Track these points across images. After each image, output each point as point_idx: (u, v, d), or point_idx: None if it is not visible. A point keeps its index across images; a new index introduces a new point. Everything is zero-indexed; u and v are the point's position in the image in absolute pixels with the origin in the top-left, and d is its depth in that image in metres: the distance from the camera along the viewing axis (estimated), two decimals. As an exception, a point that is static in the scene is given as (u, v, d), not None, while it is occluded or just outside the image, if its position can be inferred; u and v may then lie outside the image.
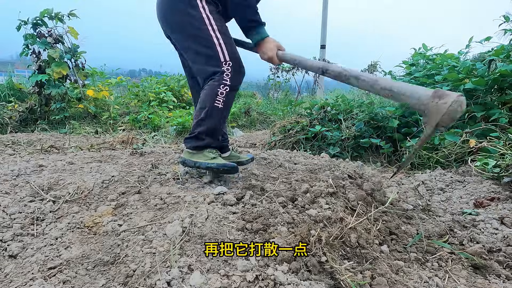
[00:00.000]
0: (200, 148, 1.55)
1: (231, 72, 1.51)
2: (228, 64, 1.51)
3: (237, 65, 1.53)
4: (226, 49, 1.51)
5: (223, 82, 1.51)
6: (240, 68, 1.55)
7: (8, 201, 1.25)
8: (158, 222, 1.14)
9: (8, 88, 4.78)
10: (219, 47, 1.51)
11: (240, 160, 1.85)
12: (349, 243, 1.07)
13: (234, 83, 1.53)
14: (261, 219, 1.14)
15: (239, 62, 1.55)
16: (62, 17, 4.02)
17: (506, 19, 2.77)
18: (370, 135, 2.98)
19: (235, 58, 1.54)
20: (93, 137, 3.53)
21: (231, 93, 1.54)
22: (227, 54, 1.51)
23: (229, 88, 1.51)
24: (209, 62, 1.53)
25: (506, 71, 2.38)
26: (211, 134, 1.56)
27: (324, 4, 8.88)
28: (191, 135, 1.58)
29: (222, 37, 1.52)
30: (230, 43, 1.55)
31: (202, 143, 1.55)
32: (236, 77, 1.53)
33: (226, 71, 1.50)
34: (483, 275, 1.06)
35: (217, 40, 1.50)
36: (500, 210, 1.50)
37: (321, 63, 1.42)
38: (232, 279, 0.88)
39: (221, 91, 1.51)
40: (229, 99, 1.54)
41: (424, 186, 1.96)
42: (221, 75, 1.51)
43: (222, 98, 1.51)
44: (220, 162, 1.51)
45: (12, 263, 0.97)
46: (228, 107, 1.57)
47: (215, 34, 1.51)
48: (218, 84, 1.51)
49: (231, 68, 1.51)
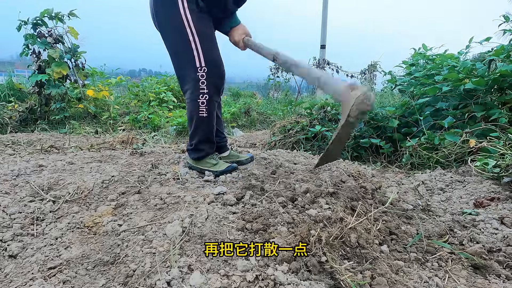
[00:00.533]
0: (202, 158, 1.67)
1: (207, 79, 1.49)
2: (203, 70, 1.48)
3: (214, 69, 1.52)
4: (202, 52, 1.48)
5: (201, 92, 1.51)
6: (217, 71, 1.53)
7: (8, 201, 1.25)
8: (158, 222, 1.14)
9: (8, 88, 4.78)
10: (196, 51, 1.47)
11: (239, 160, 1.85)
12: (349, 243, 1.07)
13: (212, 90, 1.53)
14: (261, 219, 1.14)
15: (216, 65, 1.53)
16: (62, 17, 4.02)
17: (506, 19, 2.77)
18: (370, 135, 2.98)
19: (211, 61, 1.51)
20: (93, 137, 3.53)
21: (212, 99, 1.55)
22: (203, 58, 1.48)
23: (208, 95, 1.53)
24: (185, 66, 1.52)
25: (506, 71, 2.38)
26: (207, 142, 1.65)
27: (324, 4, 8.88)
28: (190, 147, 1.67)
29: (200, 39, 1.47)
30: (208, 44, 1.51)
31: (202, 154, 1.66)
32: (213, 82, 1.52)
33: (201, 78, 1.49)
34: (483, 275, 1.06)
35: (194, 43, 1.47)
36: (500, 210, 1.50)
37: (274, 51, 1.49)
38: (232, 279, 0.88)
39: (201, 101, 1.53)
40: (211, 105, 1.56)
41: (424, 186, 1.96)
42: (197, 83, 1.50)
43: (204, 107, 1.54)
44: (222, 168, 1.63)
45: (12, 263, 0.97)
46: (213, 112, 1.61)
47: (192, 36, 1.47)
48: (197, 95, 1.52)
49: (206, 74, 1.49)
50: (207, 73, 1.49)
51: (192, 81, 1.51)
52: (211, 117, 1.59)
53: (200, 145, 1.64)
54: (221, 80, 1.59)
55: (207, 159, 1.67)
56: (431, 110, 2.77)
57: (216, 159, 1.69)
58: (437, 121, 2.61)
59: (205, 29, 1.51)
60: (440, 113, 2.73)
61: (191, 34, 1.46)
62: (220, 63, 1.57)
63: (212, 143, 1.69)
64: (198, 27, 1.47)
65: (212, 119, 1.62)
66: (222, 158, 1.84)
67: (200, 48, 1.47)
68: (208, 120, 1.59)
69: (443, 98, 2.82)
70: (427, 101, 2.86)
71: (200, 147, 1.65)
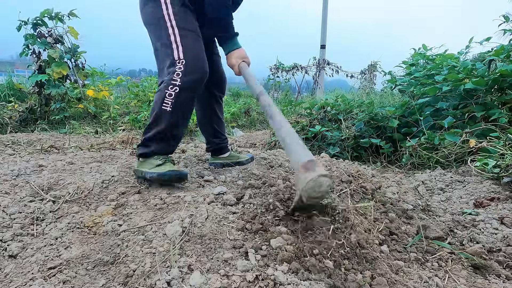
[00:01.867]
0: (147, 156, 1.46)
1: (183, 72, 1.39)
2: (181, 62, 1.40)
3: (192, 63, 1.41)
4: (181, 45, 1.41)
5: (172, 83, 1.39)
6: (196, 66, 1.42)
7: (8, 201, 1.25)
8: (158, 222, 1.14)
9: (8, 88, 4.78)
10: (175, 44, 1.41)
11: (239, 160, 1.84)
12: (349, 243, 1.07)
13: (186, 84, 1.40)
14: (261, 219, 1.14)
15: (195, 60, 1.43)
16: (62, 17, 4.02)
17: (506, 19, 2.77)
18: (370, 135, 2.98)
19: (191, 55, 1.42)
20: (93, 137, 3.53)
21: (183, 94, 1.41)
22: (182, 51, 1.40)
23: (179, 88, 1.39)
24: (164, 59, 1.45)
25: (506, 71, 2.39)
26: (160, 140, 1.44)
27: (324, 4, 8.88)
28: (140, 142, 1.50)
29: (180, 32, 1.42)
30: (188, 38, 1.44)
31: (147, 150, 1.45)
32: (189, 76, 1.40)
33: (178, 70, 1.39)
34: (483, 275, 1.06)
35: (174, 36, 1.41)
36: (500, 210, 1.50)
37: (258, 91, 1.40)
38: (232, 279, 0.88)
39: (169, 93, 1.39)
40: (180, 100, 1.41)
41: (424, 186, 1.96)
42: (172, 75, 1.40)
43: (170, 100, 1.39)
44: (162, 170, 1.38)
45: (12, 263, 0.97)
46: (181, 110, 1.43)
47: (172, 29, 1.42)
48: (166, 85, 1.40)
49: (184, 66, 1.39)
50: (184, 66, 1.39)
51: (168, 74, 1.42)
52: (176, 113, 1.41)
53: (151, 141, 1.45)
54: (200, 75, 1.44)
55: (152, 159, 1.45)
56: (431, 110, 2.77)
57: (162, 160, 1.44)
58: (437, 121, 2.61)
59: (187, 24, 1.45)
60: (440, 113, 2.74)
61: (171, 28, 1.41)
62: (201, 58, 1.45)
63: (166, 144, 1.47)
64: (179, 22, 1.42)
65: (179, 117, 1.44)
66: (222, 159, 1.84)
67: (179, 42, 1.41)
68: (170, 116, 1.41)
69: (443, 98, 2.82)
70: (427, 101, 2.86)
71: (148, 143, 1.45)
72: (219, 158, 1.85)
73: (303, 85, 9.85)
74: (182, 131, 1.52)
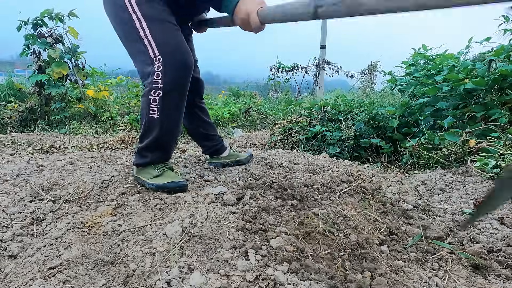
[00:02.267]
0: (144, 166, 1.40)
1: (163, 71, 1.23)
2: (158, 60, 1.23)
3: (171, 59, 1.24)
4: (154, 40, 1.22)
5: (154, 86, 1.25)
6: (175, 61, 1.25)
7: (8, 201, 1.25)
8: (158, 222, 1.14)
9: (8, 88, 4.78)
10: (146, 39, 1.23)
11: (239, 159, 1.82)
12: (349, 243, 1.07)
13: (168, 85, 1.25)
14: (261, 219, 1.14)
15: (173, 54, 1.25)
16: (62, 17, 4.02)
17: (506, 19, 2.77)
18: (370, 135, 2.98)
19: (167, 49, 1.24)
20: (93, 137, 3.53)
21: (168, 97, 1.27)
22: (156, 47, 1.23)
23: (162, 91, 1.25)
24: (140, 60, 1.29)
25: (506, 71, 2.39)
26: (155, 149, 1.37)
27: (324, 4, 8.86)
28: (136, 150, 1.42)
29: (149, 24, 1.23)
30: (160, 29, 1.25)
31: (144, 161, 1.39)
32: (170, 76, 1.24)
33: (157, 70, 1.23)
34: (483, 275, 1.06)
35: (142, 30, 1.22)
36: (500, 210, 1.50)
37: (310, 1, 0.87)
38: (232, 279, 0.88)
39: (153, 98, 1.26)
40: (167, 105, 1.28)
41: (424, 186, 1.96)
42: (152, 77, 1.25)
43: (156, 106, 1.26)
44: (161, 182, 1.34)
45: (12, 263, 0.97)
46: (170, 115, 1.31)
47: (140, 23, 1.22)
48: (149, 90, 1.26)
49: (162, 64, 1.23)
50: (163, 64, 1.23)
51: (148, 75, 1.27)
52: (166, 118, 1.30)
53: (146, 151, 1.38)
54: (183, 71, 1.28)
55: (149, 168, 1.39)
56: (431, 110, 2.77)
57: (161, 170, 1.39)
58: (437, 121, 2.61)
59: (154, 11, 1.24)
60: (440, 113, 2.74)
61: (137, 19, 1.22)
62: (180, 50, 1.27)
63: (162, 152, 1.39)
64: (144, 10, 1.22)
65: (169, 121, 1.32)
66: (222, 158, 1.83)
67: (150, 36, 1.22)
68: (160, 123, 1.29)
69: (443, 98, 2.82)
70: (427, 101, 2.86)
71: (144, 153, 1.38)
72: (219, 158, 1.83)
73: (303, 85, 9.85)
74: (177, 134, 1.42)
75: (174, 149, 1.46)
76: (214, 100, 7.20)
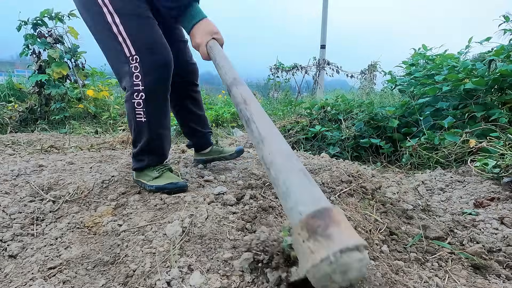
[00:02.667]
0: (142, 169, 1.40)
1: (141, 72, 1.17)
2: (135, 59, 1.16)
3: (149, 56, 1.17)
4: (128, 37, 1.14)
5: (135, 89, 1.19)
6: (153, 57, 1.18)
7: (8, 201, 1.25)
8: (158, 222, 1.14)
9: (8, 88, 4.78)
10: (120, 37, 1.15)
11: (222, 155, 1.71)
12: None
13: (149, 86, 1.19)
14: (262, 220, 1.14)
15: (151, 49, 1.17)
16: (62, 17, 4.02)
17: (506, 19, 2.77)
18: (370, 135, 2.98)
19: (144, 46, 1.17)
20: (93, 137, 3.53)
21: (151, 97, 1.22)
22: (131, 45, 1.15)
23: (145, 93, 1.19)
24: (113, 57, 1.22)
25: (506, 71, 2.39)
26: (149, 152, 1.35)
27: (324, 4, 8.88)
28: (132, 156, 1.41)
29: (122, 20, 1.14)
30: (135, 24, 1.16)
31: (141, 165, 1.38)
32: (150, 76, 1.18)
33: (135, 71, 1.17)
34: (483, 275, 1.06)
35: (116, 27, 1.14)
36: (500, 210, 1.50)
37: (232, 77, 0.97)
38: (232, 279, 0.88)
39: (137, 101, 1.21)
40: (152, 106, 1.23)
41: (424, 186, 1.96)
42: (131, 79, 1.19)
43: (141, 109, 1.22)
44: (160, 184, 1.33)
45: (12, 263, 0.97)
46: (157, 116, 1.27)
47: (112, 17, 1.13)
48: (131, 94, 1.21)
49: (140, 65, 1.16)
50: (140, 64, 1.16)
51: (126, 76, 1.20)
52: (153, 120, 1.26)
53: (141, 155, 1.36)
54: (163, 70, 1.21)
55: (148, 171, 1.38)
56: (431, 110, 2.77)
57: (159, 171, 1.38)
58: (437, 121, 2.61)
59: (127, 5, 1.15)
60: (440, 113, 2.74)
61: (109, 13, 1.13)
62: (158, 45, 1.19)
63: (157, 153, 1.37)
64: (116, 5, 1.13)
65: (157, 122, 1.29)
66: (203, 155, 1.75)
67: (124, 33, 1.14)
68: (149, 125, 1.26)
69: (443, 98, 2.82)
70: (427, 101, 2.86)
71: (140, 157, 1.36)
72: (201, 154, 1.75)
73: (303, 85, 9.85)
74: (168, 134, 1.38)
75: (169, 148, 1.45)
76: (214, 100, 7.19)
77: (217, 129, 4.65)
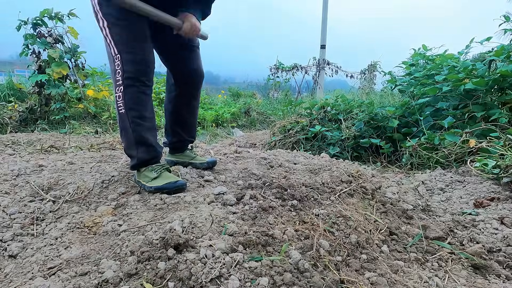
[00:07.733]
0: (137, 167, 1.41)
1: (121, 68, 1.30)
2: (117, 58, 1.30)
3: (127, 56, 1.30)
4: (112, 38, 1.30)
5: (117, 84, 1.31)
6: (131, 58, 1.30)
7: (8, 201, 1.25)
8: (158, 222, 1.14)
9: (8, 88, 4.78)
10: (108, 38, 1.31)
11: (193, 162, 1.70)
12: (349, 243, 1.07)
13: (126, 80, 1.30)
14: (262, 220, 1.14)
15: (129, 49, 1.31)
16: (62, 17, 4.01)
17: (507, 19, 2.77)
18: (370, 135, 2.98)
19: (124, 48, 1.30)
20: (93, 137, 3.52)
21: (128, 90, 1.31)
22: (115, 45, 1.30)
23: (123, 86, 1.30)
24: (108, 57, 1.37)
25: (506, 71, 2.39)
26: (135, 146, 1.37)
27: (324, 4, 8.88)
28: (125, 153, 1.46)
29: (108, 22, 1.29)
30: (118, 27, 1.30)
31: (134, 162, 1.40)
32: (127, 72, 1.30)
33: (117, 67, 1.31)
34: (483, 275, 1.06)
35: (105, 30, 1.30)
36: (500, 210, 1.50)
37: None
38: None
39: (118, 95, 1.32)
40: (128, 98, 1.31)
41: (424, 186, 1.96)
42: (114, 75, 1.32)
43: (121, 102, 1.32)
44: (159, 184, 1.35)
45: (12, 263, 0.97)
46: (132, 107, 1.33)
47: (103, 22, 1.30)
48: (114, 88, 1.34)
49: (120, 62, 1.30)
50: (121, 61, 1.30)
51: (112, 73, 1.34)
52: (129, 112, 1.32)
53: (130, 150, 1.39)
54: (139, 66, 1.32)
55: (146, 171, 1.39)
56: (431, 110, 2.77)
57: (158, 172, 1.39)
58: (437, 121, 2.61)
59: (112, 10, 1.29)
60: (440, 113, 2.74)
61: (101, 19, 1.30)
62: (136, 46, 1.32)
63: (144, 147, 1.37)
64: (104, 10, 1.29)
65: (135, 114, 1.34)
66: (175, 157, 1.75)
67: (109, 34, 1.30)
68: (127, 116, 1.32)
69: (443, 98, 2.82)
70: (427, 101, 2.86)
71: (131, 153, 1.40)
72: (174, 155, 1.76)
73: (303, 85, 9.85)
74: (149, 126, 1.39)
75: (155, 141, 1.44)
76: (214, 100, 7.19)
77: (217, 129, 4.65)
